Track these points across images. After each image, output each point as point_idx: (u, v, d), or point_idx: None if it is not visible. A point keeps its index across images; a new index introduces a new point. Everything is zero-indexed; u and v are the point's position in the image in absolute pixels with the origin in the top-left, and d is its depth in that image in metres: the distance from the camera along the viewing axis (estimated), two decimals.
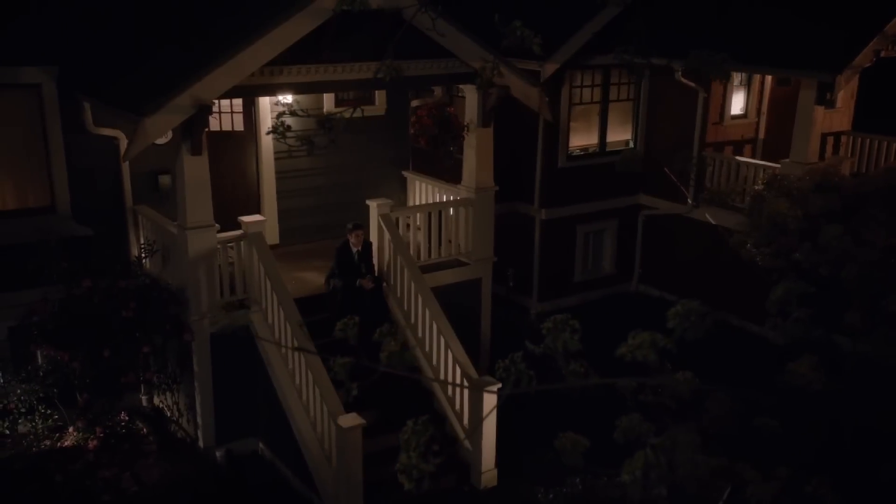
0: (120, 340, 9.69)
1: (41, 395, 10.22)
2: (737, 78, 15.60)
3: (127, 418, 10.84)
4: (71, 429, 10.21)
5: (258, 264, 10.02)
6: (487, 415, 9.68)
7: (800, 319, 2.96)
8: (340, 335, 3.51)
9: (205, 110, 9.17)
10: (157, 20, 11.05)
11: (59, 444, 10.22)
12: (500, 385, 9.63)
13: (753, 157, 15.65)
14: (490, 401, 9.67)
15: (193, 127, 9.31)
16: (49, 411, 10.29)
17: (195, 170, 9.57)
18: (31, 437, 10.22)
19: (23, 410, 10.23)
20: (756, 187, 13.76)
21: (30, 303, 10.10)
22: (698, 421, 2.91)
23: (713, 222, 13.98)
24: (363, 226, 10.72)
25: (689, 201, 14.76)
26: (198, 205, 9.67)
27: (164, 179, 11.20)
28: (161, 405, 11.28)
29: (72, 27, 10.50)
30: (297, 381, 9.66)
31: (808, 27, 13.22)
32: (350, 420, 8.84)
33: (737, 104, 15.85)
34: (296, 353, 9.55)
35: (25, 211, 10.60)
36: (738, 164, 14.36)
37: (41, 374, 10.11)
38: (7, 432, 10.15)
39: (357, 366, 11.18)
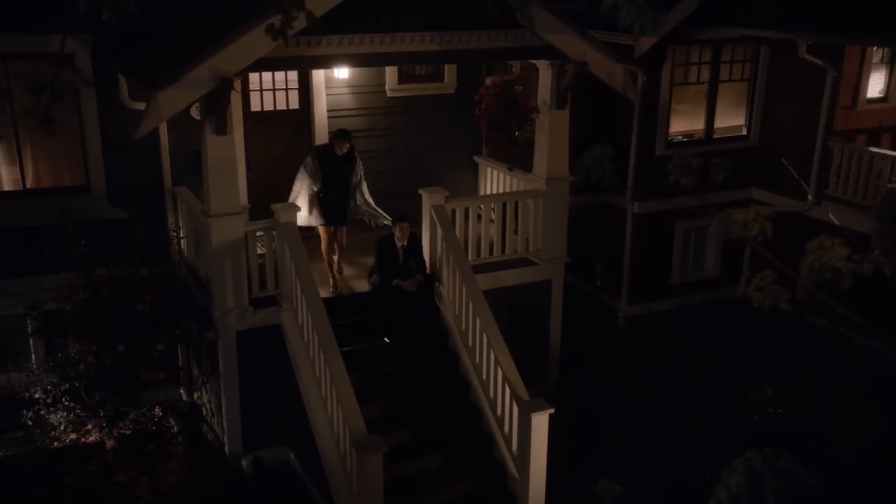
0: (137, 335, 8.90)
1: (66, 386, 9.60)
2: (876, 55, 13.36)
3: (161, 413, 10.16)
4: (90, 425, 9.57)
5: (289, 258, 9.00)
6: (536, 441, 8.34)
7: None
8: None
9: (227, 84, 8.20)
10: None
11: (82, 439, 9.62)
12: (552, 409, 8.32)
13: (894, 148, 13.41)
14: (540, 426, 8.33)
15: (217, 103, 8.38)
16: (72, 404, 9.66)
17: (220, 151, 8.65)
18: (59, 429, 9.66)
19: (48, 402, 9.66)
20: (889, 185, 11.71)
21: (56, 288, 9.47)
22: None
23: (837, 223, 11.97)
24: (409, 218, 9.49)
25: (810, 198, 12.76)
26: (223, 190, 8.74)
27: None
28: (199, 402, 10.53)
29: None
30: (323, 392, 8.60)
31: None
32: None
33: (875, 85, 13.56)
34: (322, 361, 8.48)
35: (57, 190, 9.96)
36: (872, 156, 12.24)
37: (63, 365, 9.46)
38: (30, 423, 9.60)
39: (396, 378, 9.85)
